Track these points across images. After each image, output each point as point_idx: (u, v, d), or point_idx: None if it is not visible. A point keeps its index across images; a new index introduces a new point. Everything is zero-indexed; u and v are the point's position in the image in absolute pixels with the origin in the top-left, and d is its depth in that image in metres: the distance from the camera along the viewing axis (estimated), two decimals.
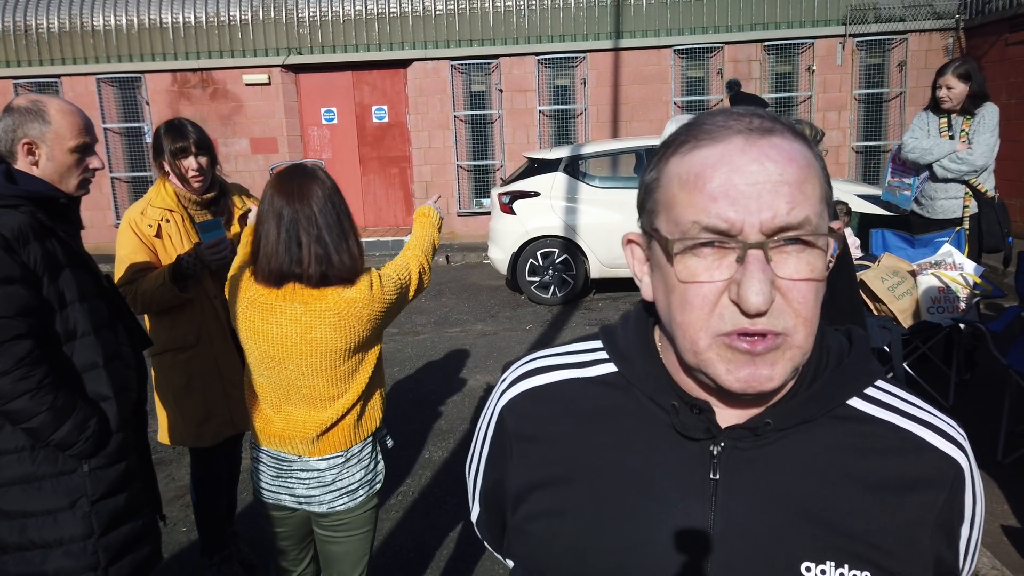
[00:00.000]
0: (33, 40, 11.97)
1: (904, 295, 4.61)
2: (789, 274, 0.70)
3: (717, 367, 0.72)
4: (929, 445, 0.79)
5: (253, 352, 2.07)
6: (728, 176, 0.70)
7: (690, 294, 0.72)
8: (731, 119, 0.74)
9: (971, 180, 4.71)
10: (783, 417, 0.78)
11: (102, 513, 1.96)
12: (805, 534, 0.75)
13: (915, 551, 0.76)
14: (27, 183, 1.92)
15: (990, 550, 3.02)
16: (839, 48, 11.17)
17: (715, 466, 0.78)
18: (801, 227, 0.70)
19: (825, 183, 0.75)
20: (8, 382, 1.77)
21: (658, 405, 0.81)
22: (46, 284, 1.86)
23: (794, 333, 0.71)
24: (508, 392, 0.91)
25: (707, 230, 0.70)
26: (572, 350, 0.91)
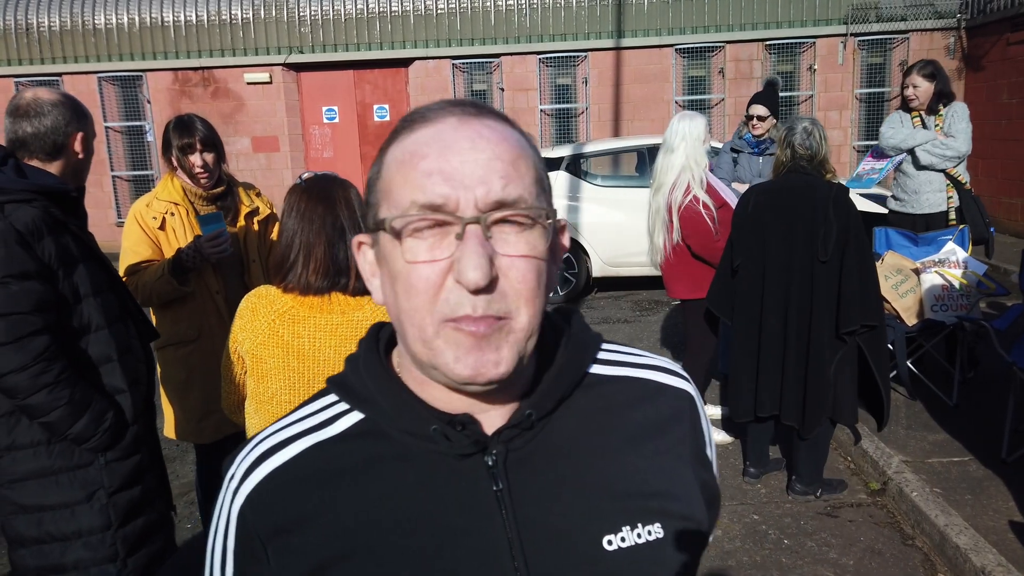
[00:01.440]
0: (34, 38, 11.97)
1: (907, 293, 4.62)
2: (508, 251, 0.69)
3: (445, 355, 0.69)
4: (663, 385, 0.83)
5: (276, 372, 1.94)
6: (441, 153, 0.70)
7: (413, 277, 0.69)
8: (446, 104, 0.74)
9: (951, 171, 4.84)
10: (541, 404, 0.76)
11: (119, 505, 1.97)
12: (596, 509, 0.75)
13: (686, 485, 0.80)
14: (38, 177, 1.93)
15: (996, 547, 3.03)
16: (840, 47, 11.19)
17: (495, 476, 0.74)
18: (515, 204, 0.69)
19: (541, 171, 0.75)
20: (27, 377, 1.78)
21: (417, 437, 0.75)
22: (61, 278, 1.87)
23: (516, 315, 0.70)
24: (241, 489, 0.77)
25: (425, 207, 0.69)
26: (305, 413, 0.81)
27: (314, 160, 12.39)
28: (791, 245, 3.38)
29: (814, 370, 3.39)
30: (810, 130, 3.43)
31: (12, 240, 1.77)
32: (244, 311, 1.97)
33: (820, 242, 3.29)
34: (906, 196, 5.03)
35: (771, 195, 3.50)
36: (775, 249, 3.43)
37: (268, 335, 1.92)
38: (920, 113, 4.92)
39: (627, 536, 0.75)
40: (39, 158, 2.03)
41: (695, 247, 4.03)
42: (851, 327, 3.29)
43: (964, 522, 3.22)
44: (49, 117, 2.02)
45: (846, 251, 3.28)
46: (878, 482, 3.81)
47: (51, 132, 2.02)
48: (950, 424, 4.21)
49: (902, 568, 3.15)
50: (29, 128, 2.00)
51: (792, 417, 3.49)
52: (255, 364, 1.95)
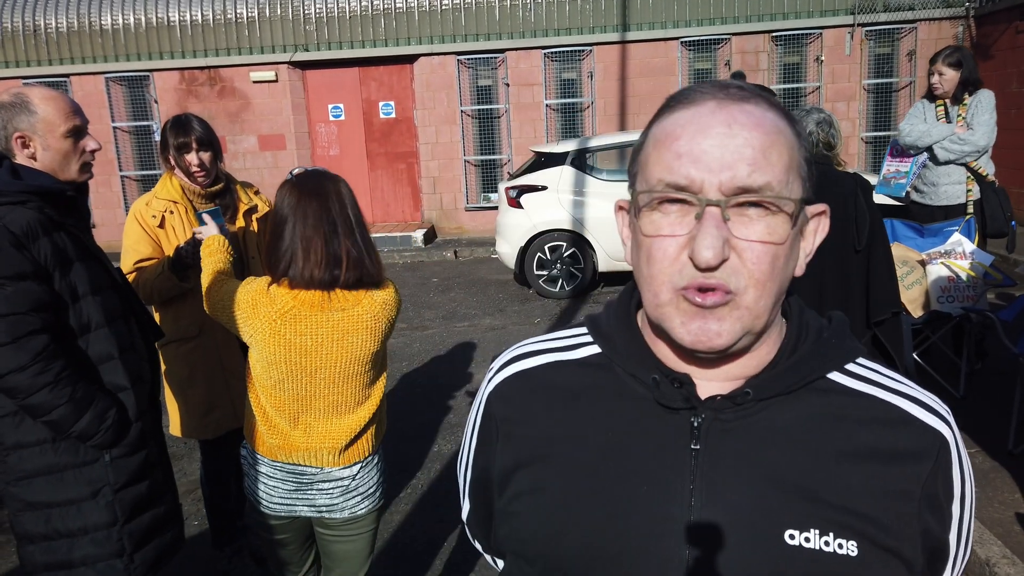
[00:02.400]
0: (42, 40, 12.04)
1: (914, 284, 4.60)
2: (746, 235, 0.72)
3: (673, 320, 0.75)
4: (913, 418, 0.80)
5: (279, 366, 1.97)
6: (694, 136, 0.73)
7: (654, 248, 0.74)
8: (712, 87, 0.76)
9: (972, 164, 4.75)
10: (762, 388, 0.79)
11: (125, 501, 1.99)
12: (787, 502, 0.76)
13: (901, 522, 0.76)
14: (32, 178, 1.93)
15: (1001, 539, 3.03)
16: (848, 38, 11.12)
17: (696, 436, 0.79)
18: (760, 191, 0.71)
19: (799, 156, 0.76)
20: (27, 377, 1.80)
21: (639, 380, 0.83)
22: (58, 279, 1.88)
23: (744, 293, 0.72)
24: (495, 379, 0.93)
25: (670, 186, 0.73)
26: (558, 336, 0.94)
27: (320, 158, 12.42)
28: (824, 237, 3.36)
29: None
30: (830, 120, 3.41)
31: (6, 242, 1.78)
32: (243, 303, 2.00)
33: (856, 232, 3.27)
34: (925, 188, 4.96)
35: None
36: None
37: (270, 333, 1.95)
38: (945, 102, 4.81)
39: (813, 539, 0.74)
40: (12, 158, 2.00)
41: None
42: (883, 316, 3.30)
43: None
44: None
45: (876, 239, 3.28)
46: None
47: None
48: (957, 416, 4.12)
49: None
50: None
51: None
52: (259, 353, 1.99)
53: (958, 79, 4.72)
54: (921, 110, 4.93)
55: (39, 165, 2.02)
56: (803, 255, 0.80)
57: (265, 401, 2.06)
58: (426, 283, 9.06)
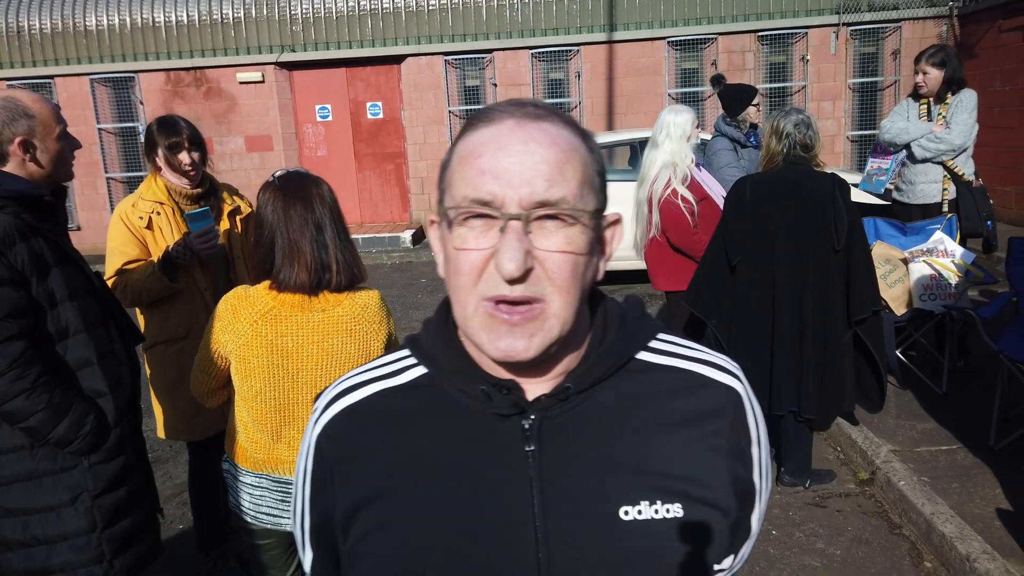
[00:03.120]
0: (26, 41, 11.95)
1: (896, 283, 4.64)
2: (547, 246, 0.76)
3: (481, 335, 0.78)
4: (709, 379, 0.88)
5: (260, 371, 1.96)
6: (495, 153, 0.76)
7: (461, 261, 0.78)
8: (510, 106, 0.81)
9: (948, 163, 4.80)
10: (581, 379, 0.84)
11: (104, 507, 1.99)
12: (619, 481, 0.82)
13: (715, 475, 0.84)
14: (9, 183, 1.92)
15: (981, 535, 3.06)
16: (833, 37, 11.18)
17: (528, 438, 0.82)
18: (557, 204, 0.76)
19: (592, 171, 0.80)
20: (3, 383, 1.79)
21: (468, 395, 0.84)
22: (35, 284, 1.87)
23: (551, 300, 0.77)
24: (322, 419, 0.90)
25: (475, 202, 0.76)
26: (381, 363, 0.93)
27: (308, 158, 12.38)
28: (803, 237, 3.35)
29: (831, 361, 3.40)
30: (808, 122, 3.42)
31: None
32: (224, 313, 1.99)
33: (834, 232, 3.29)
34: (904, 186, 5.01)
35: (772, 187, 3.43)
36: (785, 242, 3.37)
37: (252, 335, 1.94)
38: (928, 101, 4.86)
39: (644, 510, 0.81)
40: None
41: (673, 240, 4.05)
42: (863, 315, 3.32)
43: (951, 510, 3.24)
44: None
45: (853, 240, 3.30)
46: (866, 471, 3.83)
47: None
48: (939, 413, 4.23)
49: (889, 557, 3.18)
50: None
51: (811, 410, 3.46)
52: (240, 364, 1.97)
53: (942, 78, 4.76)
54: (905, 108, 4.99)
55: (39, 169, 2.04)
56: (603, 261, 0.85)
57: (248, 415, 2.04)
58: (414, 283, 9.05)
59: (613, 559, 0.80)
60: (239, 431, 2.08)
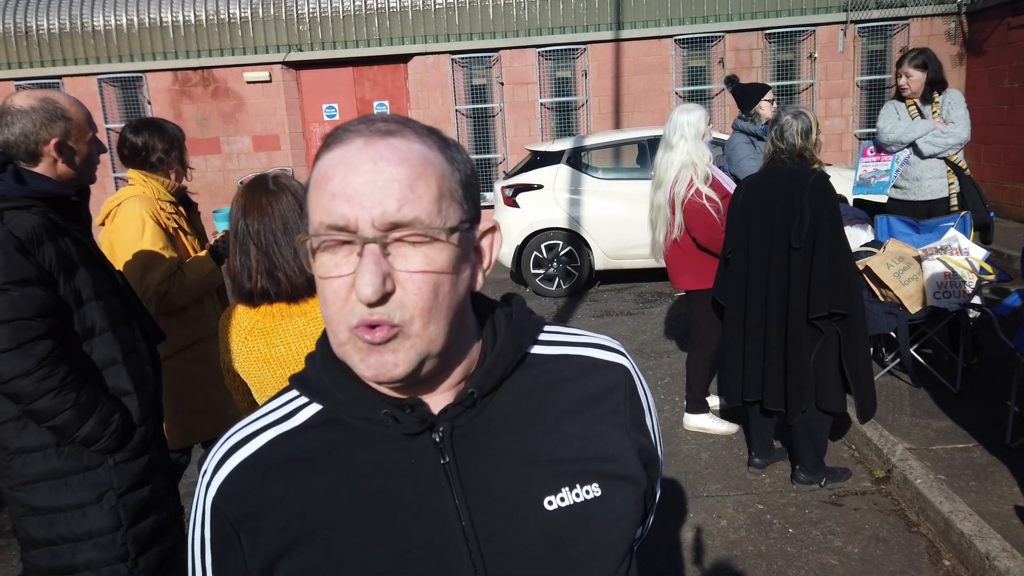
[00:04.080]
0: (34, 41, 11.98)
1: (910, 281, 4.62)
2: (406, 267, 0.74)
3: (353, 358, 0.77)
4: (598, 360, 0.91)
5: (269, 382, 1.96)
6: (344, 175, 0.74)
7: (326, 290, 0.76)
8: (361, 123, 0.78)
9: (951, 157, 4.85)
10: (483, 382, 0.83)
11: (129, 505, 1.99)
12: (538, 474, 0.82)
13: (622, 449, 0.87)
14: (37, 183, 1.93)
15: (1000, 532, 3.05)
16: (840, 35, 11.15)
17: (442, 451, 0.81)
18: (411, 224, 0.73)
19: (451, 182, 0.78)
20: (31, 382, 1.80)
21: (371, 422, 0.82)
22: (62, 284, 1.88)
23: (410, 324, 0.75)
24: (215, 479, 0.84)
25: (331, 228, 0.74)
26: (269, 409, 0.89)
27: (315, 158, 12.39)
28: (771, 233, 3.47)
29: (793, 356, 3.46)
30: (790, 123, 3.47)
31: (11, 247, 1.78)
32: (221, 334, 2.00)
33: (794, 230, 3.34)
34: (907, 184, 5.02)
35: (757, 185, 3.59)
36: (757, 238, 3.52)
37: (246, 353, 1.93)
38: (915, 101, 4.93)
39: (566, 496, 0.82)
40: (25, 163, 2.01)
41: (701, 239, 4.04)
42: (819, 313, 3.36)
43: (968, 508, 3.23)
44: (17, 125, 1.98)
45: (817, 239, 3.33)
46: (882, 470, 3.82)
47: (21, 140, 1.99)
48: (954, 411, 4.21)
49: (907, 555, 3.17)
50: (1, 137, 1.99)
51: (774, 402, 3.57)
52: (249, 379, 1.96)
53: (925, 80, 4.87)
54: (893, 110, 5.04)
55: (69, 171, 2.06)
56: (481, 272, 0.84)
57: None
58: None
59: (545, 550, 0.81)
60: None
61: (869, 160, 5.20)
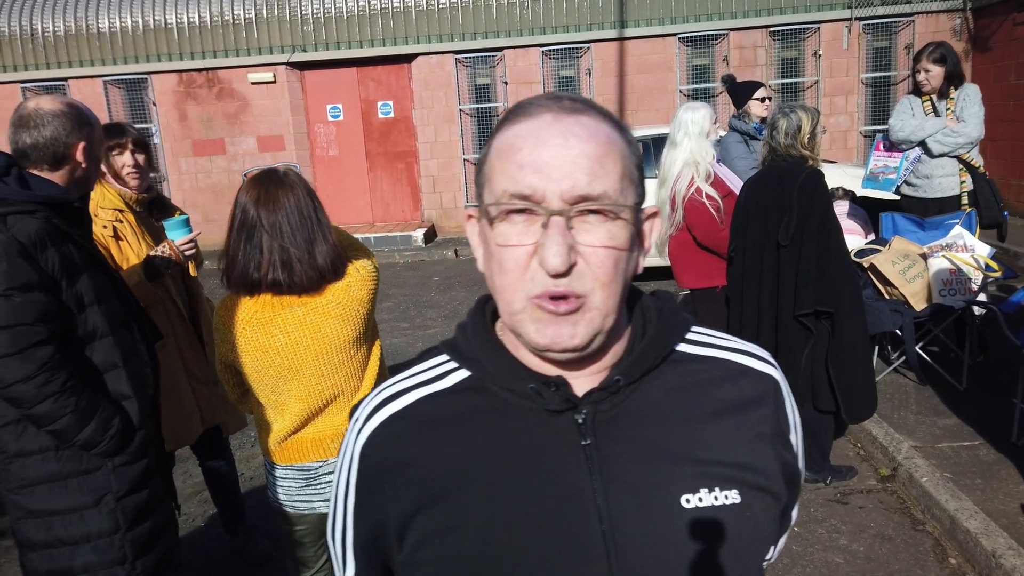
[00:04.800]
0: (39, 43, 12.03)
1: (915, 278, 4.60)
2: (589, 241, 0.76)
3: (528, 327, 0.78)
4: (749, 368, 0.90)
5: (267, 371, 1.98)
6: (535, 147, 0.76)
7: (504, 258, 0.77)
8: (547, 99, 0.80)
9: (964, 155, 4.78)
10: (630, 371, 0.84)
11: (127, 508, 1.99)
12: (677, 471, 0.82)
13: (765, 461, 0.86)
14: (41, 188, 1.94)
15: (1007, 531, 3.02)
16: (845, 32, 11.10)
17: (583, 432, 0.82)
18: (599, 199, 0.75)
19: (631, 164, 0.80)
20: (32, 387, 1.80)
21: (517, 394, 0.84)
22: (65, 288, 1.89)
23: (592, 295, 0.77)
24: (365, 428, 0.89)
25: (515, 197, 0.76)
26: (419, 370, 0.91)
27: (319, 158, 12.41)
28: (764, 231, 3.49)
29: (783, 352, 3.47)
30: (779, 122, 3.48)
31: (15, 252, 1.78)
32: (217, 324, 2.03)
33: (782, 227, 3.34)
34: (918, 181, 4.98)
35: (755, 185, 3.62)
36: (753, 235, 3.55)
37: (244, 342, 1.97)
38: (931, 97, 4.86)
39: (704, 497, 0.82)
40: (41, 168, 2.03)
41: (700, 237, 4.03)
42: (804, 310, 3.37)
43: (974, 506, 3.21)
44: (49, 128, 2.00)
45: (805, 236, 3.33)
46: (888, 468, 3.80)
47: (51, 143, 2.01)
48: (960, 408, 4.19)
49: (912, 553, 3.15)
50: (28, 139, 2.00)
51: None
52: (244, 369, 2.00)
53: (943, 74, 4.78)
54: (908, 106, 4.97)
55: (86, 176, 2.13)
56: (642, 255, 0.85)
57: (270, 411, 2.07)
58: (427, 282, 9.05)
59: (679, 547, 0.81)
60: (263, 428, 2.12)
61: (881, 155, 5.16)
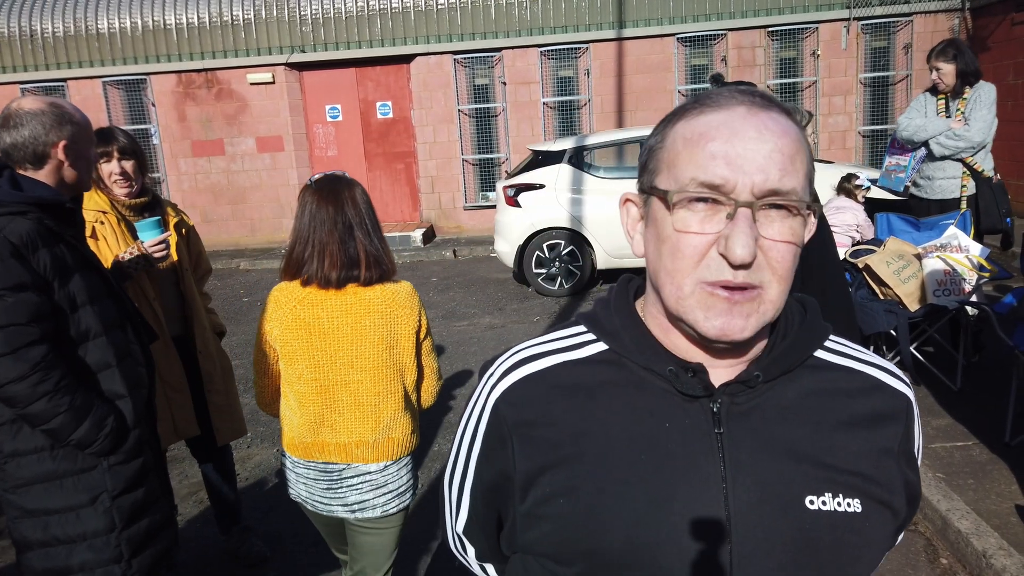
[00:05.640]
0: (39, 44, 12.05)
1: (910, 278, 4.61)
2: (772, 235, 0.77)
3: (696, 313, 0.79)
4: (884, 384, 0.91)
5: (302, 353, 2.12)
6: (729, 138, 0.77)
7: (682, 243, 0.78)
8: (737, 92, 0.81)
9: (968, 159, 4.75)
10: (769, 369, 0.86)
11: (123, 507, 2.01)
12: (802, 471, 0.84)
13: (890, 477, 0.87)
14: (32, 189, 1.95)
15: (998, 531, 3.04)
16: (843, 32, 11.11)
17: (717, 420, 0.84)
18: (788, 194, 0.77)
19: (811, 165, 0.82)
20: (26, 386, 1.82)
21: (654, 373, 0.86)
22: (57, 289, 1.90)
23: (768, 288, 0.78)
24: (500, 384, 0.91)
25: (703, 185, 0.77)
26: (557, 336, 0.94)
27: (318, 159, 12.43)
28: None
29: None
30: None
31: (7, 253, 1.80)
32: (269, 304, 2.20)
33: None
34: (922, 181, 4.97)
35: None
36: None
37: (292, 319, 2.13)
38: (946, 96, 4.81)
39: (828, 502, 0.83)
40: (26, 168, 2.04)
41: None
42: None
43: (966, 506, 3.23)
44: (27, 127, 2.02)
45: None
46: None
47: (29, 142, 2.02)
48: (954, 409, 4.20)
49: (904, 554, 3.17)
50: (8, 139, 2.02)
51: None
52: (284, 348, 2.16)
53: (955, 72, 4.71)
54: (923, 103, 4.92)
55: (73, 175, 2.12)
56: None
57: (294, 402, 2.17)
58: (425, 282, 9.07)
59: (797, 546, 0.82)
60: (286, 422, 2.23)
61: (895, 152, 5.14)
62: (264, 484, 4.14)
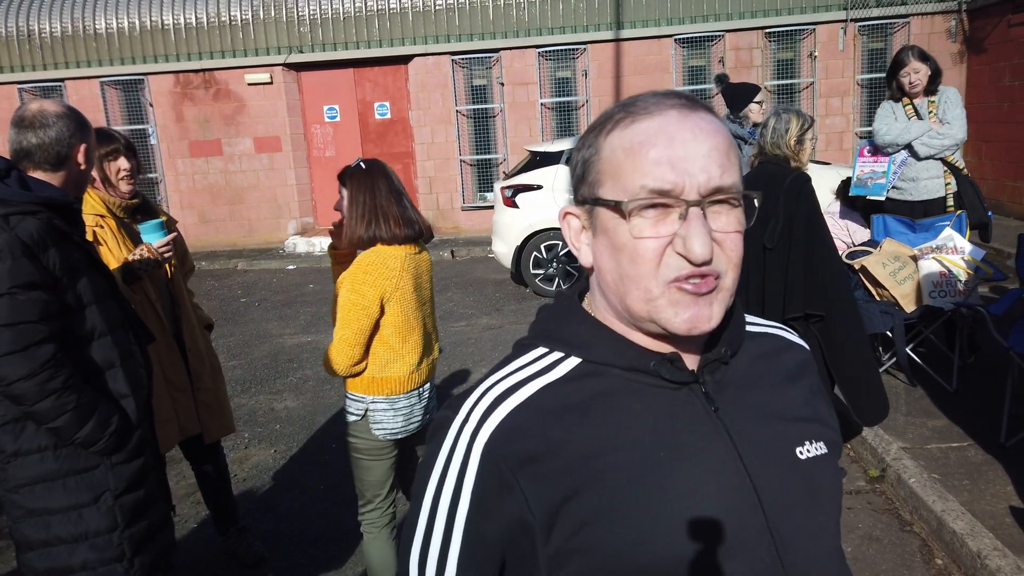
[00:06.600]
0: (36, 44, 12.04)
1: (906, 280, 4.63)
2: (722, 227, 0.82)
3: (666, 311, 0.82)
4: (791, 341, 1.03)
5: (411, 304, 2.56)
6: (668, 144, 0.80)
7: (640, 249, 0.81)
8: (661, 97, 0.85)
9: (948, 157, 4.84)
10: (732, 341, 0.92)
11: (125, 506, 2.02)
12: (782, 428, 0.91)
13: (828, 415, 0.97)
14: (41, 189, 1.98)
15: (992, 531, 3.06)
16: (841, 33, 11.14)
17: (710, 400, 0.88)
18: (729, 189, 0.82)
19: (740, 158, 0.88)
20: (34, 384, 1.84)
21: (638, 371, 0.88)
22: (66, 287, 1.92)
23: (725, 276, 0.83)
24: (484, 427, 0.85)
25: (654, 192, 0.80)
26: (521, 364, 0.90)
27: (316, 159, 12.43)
28: (752, 234, 3.49)
29: None
30: (769, 125, 3.52)
31: (18, 251, 1.82)
32: (375, 266, 2.48)
33: (768, 230, 3.37)
34: (904, 184, 5.02)
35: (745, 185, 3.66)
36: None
37: (402, 273, 2.51)
38: (912, 101, 4.91)
39: (809, 449, 0.91)
40: (43, 169, 2.08)
41: None
42: (794, 314, 3.39)
43: (961, 507, 3.25)
44: (54, 129, 2.07)
45: (792, 239, 3.35)
46: (877, 469, 3.83)
47: (55, 143, 2.07)
48: (949, 410, 4.22)
49: (900, 554, 3.18)
50: (34, 139, 2.06)
51: None
52: (394, 303, 2.51)
53: (930, 72, 4.84)
54: (890, 110, 5.00)
55: (85, 177, 2.20)
56: None
57: (400, 343, 2.55)
58: None
59: (806, 494, 0.88)
60: (389, 368, 2.56)
61: (866, 161, 5.18)
62: (262, 485, 4.15)
